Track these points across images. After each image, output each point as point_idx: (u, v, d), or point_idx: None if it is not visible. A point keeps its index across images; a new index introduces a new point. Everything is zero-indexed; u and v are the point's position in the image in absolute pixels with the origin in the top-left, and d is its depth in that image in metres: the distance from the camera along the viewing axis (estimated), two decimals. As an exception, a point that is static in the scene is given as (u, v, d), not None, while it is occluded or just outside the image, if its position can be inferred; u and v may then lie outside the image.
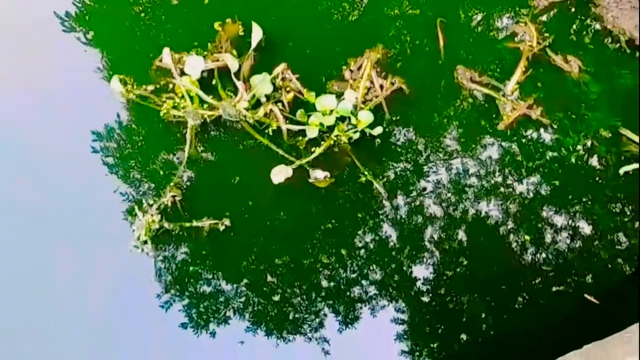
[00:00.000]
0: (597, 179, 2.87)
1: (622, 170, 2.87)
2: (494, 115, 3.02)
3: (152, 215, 2.62)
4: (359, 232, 2.83)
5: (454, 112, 3.03)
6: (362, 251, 2.81)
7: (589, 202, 2.86)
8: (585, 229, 2.83)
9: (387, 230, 2.84)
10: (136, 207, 2.69)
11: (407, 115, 2.99)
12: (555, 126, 2.97)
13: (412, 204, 2.89)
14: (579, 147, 2.92)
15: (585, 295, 2.70)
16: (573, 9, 3.23)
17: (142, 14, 3.16)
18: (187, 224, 2.67)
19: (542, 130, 2.98)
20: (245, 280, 2.75)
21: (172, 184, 2.74)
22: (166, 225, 2.65)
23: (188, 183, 2.81)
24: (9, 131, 2.91)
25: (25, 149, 2.89)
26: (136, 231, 2.63)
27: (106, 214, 2.76)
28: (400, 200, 2.89)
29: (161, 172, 2.83)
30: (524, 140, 2.99)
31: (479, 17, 3.26)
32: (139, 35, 3.13)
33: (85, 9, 3.20)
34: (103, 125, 2.94)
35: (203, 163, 2.86)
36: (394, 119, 2.97)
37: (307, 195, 2.80)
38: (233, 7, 3.15)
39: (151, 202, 2.69)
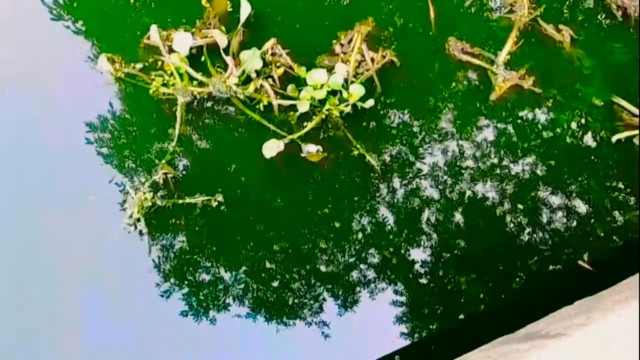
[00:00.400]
0: (591, 156, 2.87)
1: (614, 138, 2.87)
2: (485, 87, 3.00)
3: (144, 192, 2.60)
4: (353, 207, 2.83)
5: (445, 84, 3.02)
6: (356, 229, 2.81)
7: (585, 181, 2.86)
8: (581, 207, 2.84)
9: (381, 207, 2.83)
10: (128, 185, 2.67)
11: (398, 87, 2.97)
12: (549, 103, 2.95)
13: (405, 179, 2.89)
14: (574, 124, 2.92)
15: (579, 262, 2.72)
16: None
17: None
18: (180, 201, 2.66)
19: (535, 106, 2.97)
20: (239, 261, 2.74)
21: (163, 161, 2.72)
22: (159, 202, 2.63)
23: (180, 160, 2.80)
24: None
25: (18, 131, 2.86)
26: (129, 209, 2.61)
27: (97, 192, 2.74)
28: (392, 174, 2.88)
29: (152, 150, 2.81)
30: (516, 115, 2.98)
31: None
32: (127, 14, 3.08)
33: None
34: (94, 107, 2.90)
35: (194, 140, 2.84)
36: (385, 92, 2.96)
37: (300, 170, 2.80)
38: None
39: (143, 179, 2.68)
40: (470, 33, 3.08)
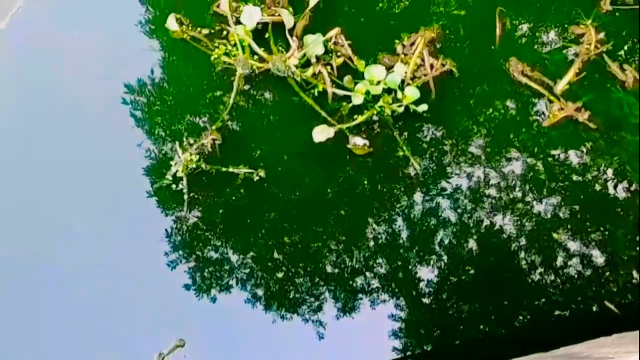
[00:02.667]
0: (619, 209, 2.83)
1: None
2: (538, 114, 2.99)
3: (190, 154, 2.66)
4: (382, 211, 2.85)
5: (500, 102, 3.02)
6: (376, 236, 2.83)
7: (606, 231, 2.81)
8: (599, 258, 2.79)
9: (407, 215, 2.83)
10: (177, 144, 2.73)
11: (453, 98, 2.98)
12: (591, 143, 2.92)
13: (442, 191, 2.89)
14: (610, 170, 2.88)
15: (606, 303, 2.70)
16: (632, 24, 3.17)
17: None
18: (224, 168, 2.71)
19: (579, 143, 2.93)
20: (257, 246, 2.78)
21: (213, 127, 2.78)
22: (203, 166, 2.69)
23: (229, 129, 2.85)
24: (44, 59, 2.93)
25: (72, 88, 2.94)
26: (174, 167, 2.68)
27: (145, 150, 2.82)
28: (431, 183, 2.90)
29: (204, 115, 2.87)
30: (559, 149, 2.94)
31: (538, 13, 3.22)
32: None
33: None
34: (156, 65, 2.97)
35: (246, 112, 2.89)
36: (439, 99, 2.97)
37: (343, 159, 2.83)
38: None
39: (192, 141, 2.74)
40: (533, 56, 3.07)
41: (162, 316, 2.71)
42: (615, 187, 2.87)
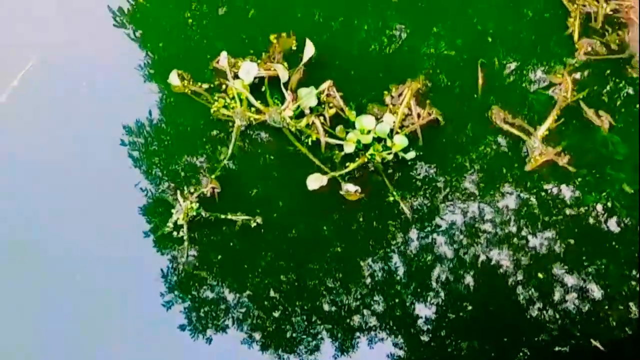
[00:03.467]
0: (613, 243, 2.93)
1: (640, 227, 2.96)
2: (521, 158, 3.15)
3: (191, 202, 2.79)
4: (376, 252, 2.96)
5: (484, 148, 3.18)
6: (372, 275, 2.92)
7: (603, 266, 2.91)
8: (596, 292, 2.87)
9: (399, 256, 2.93)
10: (178, 193, 2.87)
11: (439, 145, 3.15)
12: (578, 181, 3.05)
13: (432, 233, 3.02)
14: (600, 206, 3.00)
15: (592, 341, 2.78)
16: (609, 71, 3.39)
17: (202, 22, 3.39)
18: (222, 216, 2.84)
19: (565, 183, 3.07)
20: (255, 287, 2.87)
21: (213, 176, 2.93)
22: (203, 213, 2.82)
23: (228, 177, 2.99)
24: (54, 112, 3.09)
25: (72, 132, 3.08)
26: (175, 214, 2.81)
27: (146, 198, 2.96)
28: (421, 225, 3.02)
29: (204, 164, 3.02)
30: (547, 188, 3.09)
31: (515, 64, 3.43)
32: (201, 39, 3.36)
33: (137, 8, 3.44)
34: (159, 118, 3.15)
35: (244, 161, 3.05)
36: (426, 147, 3.13)
37: (336, 206, 2.96)
38: (289, 24, 3.37)
39: (192, 190, 2.88)
40: (513, 104, 3.25)
41: (158, 356, 2.77)
42: (606, 222, 2.99)
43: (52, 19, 3.33)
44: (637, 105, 3.24)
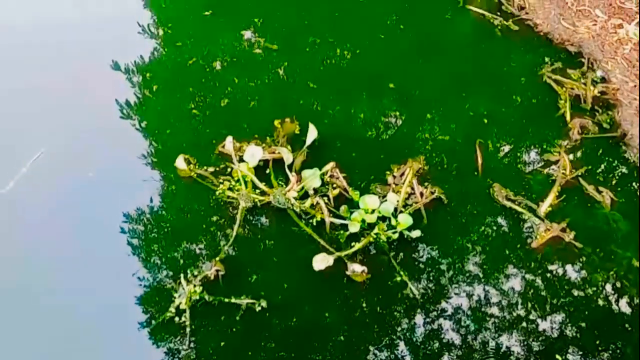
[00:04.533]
0: (625, 325, 2.84)
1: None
2: (526, 234, 3.15)
3: (195, 285, 2.73)
4: (383, 337, 2.84)
5: (488, 226, 3.18)
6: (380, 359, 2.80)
7: (618, 350, 2.79)
8: None
9: (408, 340, 2.82)
10: (182, 276, 2.81)
11: (444, 223, 3.15)
12: (583, 259, 3.02)
13: (441, 314, 2.93)
14: (608, 285, 2.95)
15: None
16: (602, 149, 3.49)
17: (206, 112, 3.54)
18: (226, 299, 2.77)
19: (572, 261, 3.03)
20: None
21: (217, 258, 2.89)
22: (207, 297, 2.75)
23: (232, 260, 2.95)
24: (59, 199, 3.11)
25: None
26: (177, 299, 2.73)
27: (150, 281, 2.89)
28: (431, 307, 2.93)
29: (209, 246, 2.99)
30: (554, 266, 3.04)
31: (510, 145, 3.54)
32: (207, 125, 3.49)
33: (144, 100, 3.61)
34: (165, 199, 3.17)
35: (248, 242, 3.02)
36: (431, 225, 3.13)
37: (343, 287, 2.89)
38: (292, 109, 3.52)
39: (196, 273, 2.82)
40: (514, 182, 3.31)
41: None
42: (617, 302, 2.91)
43: (63, 112, 3.48)
44: (635, 183, 3.30)
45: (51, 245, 2.99)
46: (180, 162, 3.18)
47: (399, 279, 2.93)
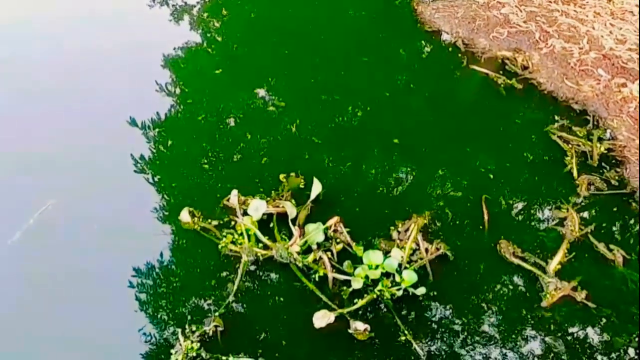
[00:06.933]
0: None
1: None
2: (535, 293, 3.04)
3: (192, 341, 2.66)
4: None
5: (496, 283, 3.10)
6: None
7: None
8: None
9: None
10: (179, 332, 2.75)
11: (450, 280, 3.07)
12: (603, 321, 2.92)
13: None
14: (631, 350, 2.82)
15: None
16: (613, 206, 3.43)
17: (218, 167, 3.61)
18: (223, 357, 2.68)
19: (588, 322, 2.92)
20: None
21: (216, 314, 2.83)
22: (203, 354, 2.67)
23: (232, 315, 2.89)
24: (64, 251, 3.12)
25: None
26: (174, 355, 2.65)
27: (147, 337, 2.83)
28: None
29: (209, 301, 2.94)
30: (567, 328, 2.93)
31: (518, 201, 3.50)
32: (212, 179, 3.54)
33: (158, 155, 3.70)
34: (166, 252, 3.17)
35: (249, 297, 2.97)
36: (437, 282, 3.06)
37: (345, 345, 2.79)
38: (300, 165, 3.57)
39: (194, 328, 2.76)
40: (522, 238, 3.25)
41: None
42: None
43: (75, 165, 3.57)
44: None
45: (54, 295, 2.97)
46: (184, 215, 3.20)
47: (403, 338, 2.83)
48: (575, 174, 3.59)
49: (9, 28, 4.80)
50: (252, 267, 3.06)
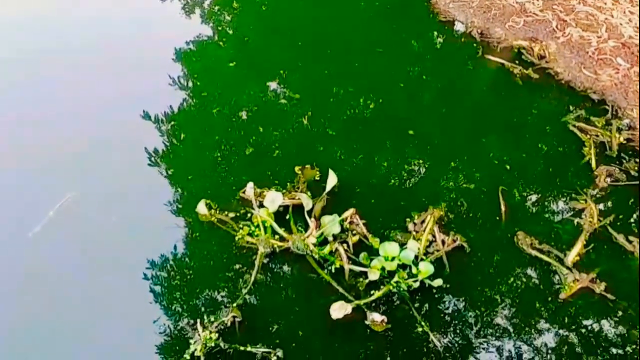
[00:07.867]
0: None
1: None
2: (553, 285, 3.03)
3: (210, 332, 2.69)
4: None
5: (513, 275, 3.08)
6: None
7: None
8: None
9: None
10: (198, 322, 2.78)
11: (467, 272, 3.06)
12: (620, 313, 2.89)
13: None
14: None
15: None
16: (630, 198, 3.38)
17: (231, 160, 3.62)
18: (242, 347, 2.71)
19: (605, 314, 2.90)
20: None
21: (234, 304, 2.86)
22: (222, 344, 2.70)
23: (249, 306, 2.91)
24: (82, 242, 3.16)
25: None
26: (193, 345, 2.68)
27: (166, 328, 2.87)
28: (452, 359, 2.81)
29: (227, 292, 2.96)
30: (585, 319, 2.91)
31: (537, 191, 3.47)
32: (229, 171, 3.55)
33: (171, 149, 3.72)
34: (184, 244, 3.20)
35: (266, 289, 2.99)
36: (453, 274, 3.05)
37: (361, 337, 2.80)
38: (314, 157, 3.57)
39: (212, 319, 2.79)
40: (539, 230, 3.22)
41: None
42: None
43: (92, 158, 3.60)
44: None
45: (74, 286, 3.01)
46: (201, 207, 3.22)
47: (420, 329, 2.83)
48: (593, 164, 3.55)
49: (22, 23, 4.84)
50: (269, 259, 3.08)
